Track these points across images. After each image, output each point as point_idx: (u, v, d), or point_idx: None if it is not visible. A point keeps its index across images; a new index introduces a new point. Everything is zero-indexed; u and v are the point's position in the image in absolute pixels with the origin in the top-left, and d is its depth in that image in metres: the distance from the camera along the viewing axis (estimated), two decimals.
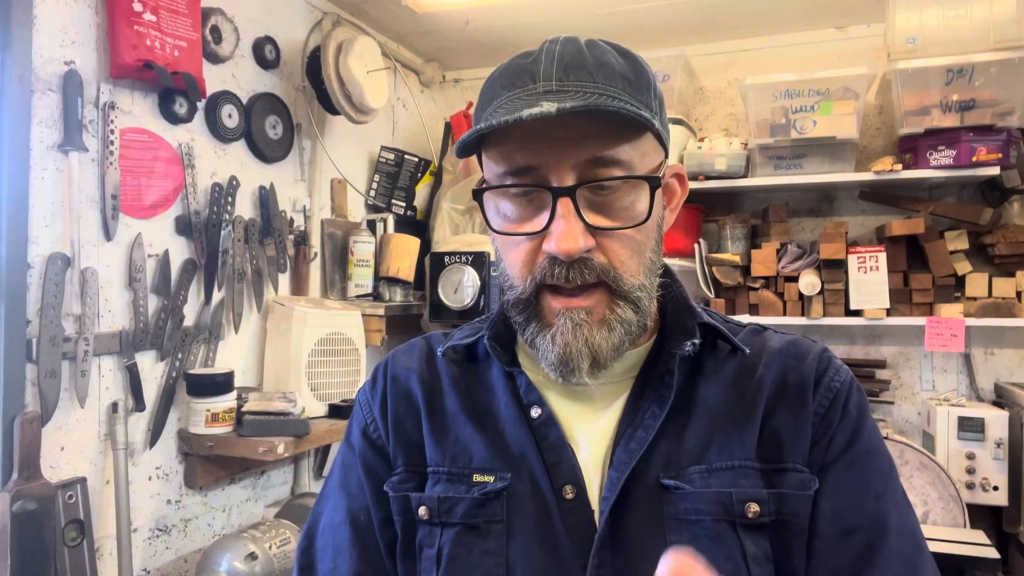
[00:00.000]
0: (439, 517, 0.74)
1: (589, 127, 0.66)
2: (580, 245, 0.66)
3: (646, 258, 0.71)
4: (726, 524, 0.68)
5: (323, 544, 0.80)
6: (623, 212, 0.68)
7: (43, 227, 1.52)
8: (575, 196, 0.66)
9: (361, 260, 2.38)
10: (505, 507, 0.72)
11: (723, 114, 2.77)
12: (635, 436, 0.71)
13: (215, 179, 1.92)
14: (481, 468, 0.74)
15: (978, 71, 2.15)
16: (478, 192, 0.72)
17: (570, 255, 0.66)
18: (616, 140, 0.67)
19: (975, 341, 2.45)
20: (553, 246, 0.66)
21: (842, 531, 0.69)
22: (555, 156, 0.66)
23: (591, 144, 0.66)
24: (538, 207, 0.69)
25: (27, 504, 1.41)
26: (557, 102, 0.63)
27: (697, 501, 0.69)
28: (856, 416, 0.74)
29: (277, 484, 2.16)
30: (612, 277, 0.68)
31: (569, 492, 0.71)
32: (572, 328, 0.68)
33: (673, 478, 0.70)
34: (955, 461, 2.17)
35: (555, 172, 0.66)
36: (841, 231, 2.38)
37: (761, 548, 0.69)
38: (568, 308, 0.69)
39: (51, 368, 1.50)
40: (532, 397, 0.76)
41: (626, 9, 2.40)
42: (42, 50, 1.51)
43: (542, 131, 0.66)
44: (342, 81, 2.13)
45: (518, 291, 0.71)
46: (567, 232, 0.65)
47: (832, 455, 0.72)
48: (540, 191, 0.68)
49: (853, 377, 0.77)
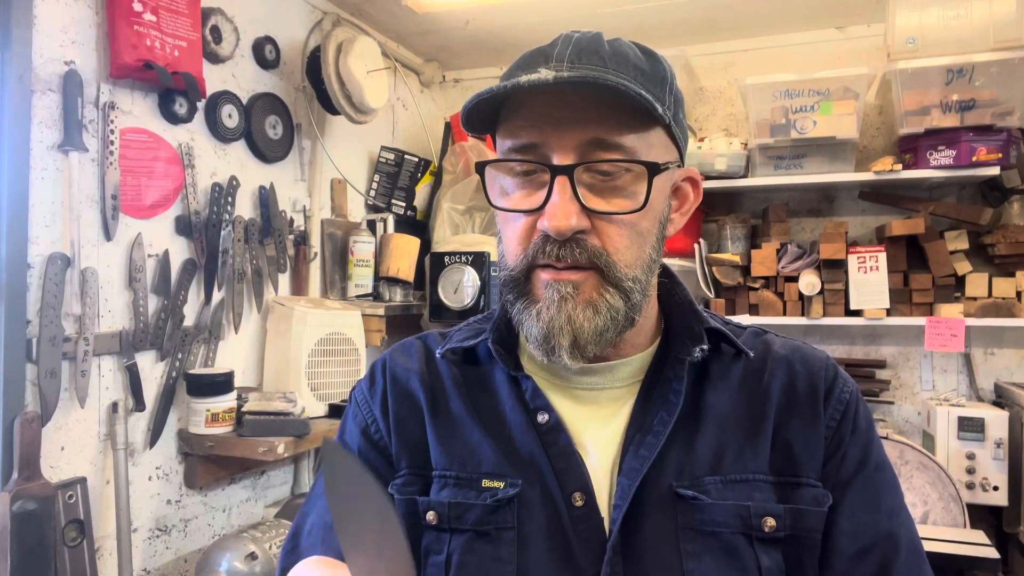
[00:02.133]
0: (448, 523, 0.72)
1: (596, 110, 0.66)
2: (572, 224, 0.65)
3: (645, 253, 0.71)
4: (743, 537, 0.68)
5: (309, 545, 0.77)
6: (622, 198, 0.68)
7: (43, 227, 1.52)
8: (573, 175, 0.66)
9: (361, 260, 2.38)
10: (516, 514, 0.71)
11: (723, 114, 2.77)
12: (644, 443, 0.70)
13: (215, 179, 1.92)
14: (490, 473, 0.73)
15: (978, 71, 2.15)
16: (481, 165, 0.72)
17: (561, 233, 0.66)
18: (621, 126, 0.67)
19: (975, 341, 2.45)
20: (545, 223, 0.66)
21: (859, 550, 0.71)
22: (558, 135, 0.66)
23: (595, 126, 0.66)
24: (538, 186, 0.69)
25: (27, 504, 1.41)
26: (556, 73, 0.65)
27: (715, 513, 0.68)
28: (866, 428, 0.75)
29: (277, 484, 2.16)
30: (604, 262, 0.68)
31: (578, 499, 0.70)
32: (557, 301, 0.68)
33: (688, 488, 0.69)
34: (955, 461, 2.17)
35: (557, 151, 0.67)
36: (841, 231, 2.38)
37: (775, 562, 0.69)
38: (556, 280, 0.68)
39: (51, 368, 1.50)
40: (539, 402, 0.74)
41: (626, 9, 2.40)
42: (42, 50, 1.51)
43: (548, 110, 0.67)
44: (342, 81, 2.13)
45: (511, 269, 0.71)
46: (560, 209, 0.65)
47: (847, 472, 0.73)
48: (541, 170, 0.68)
49: (856, 386, 0.78)
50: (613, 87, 0.64)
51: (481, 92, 0.66)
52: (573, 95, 0.66)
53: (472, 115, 0.71)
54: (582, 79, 0.64)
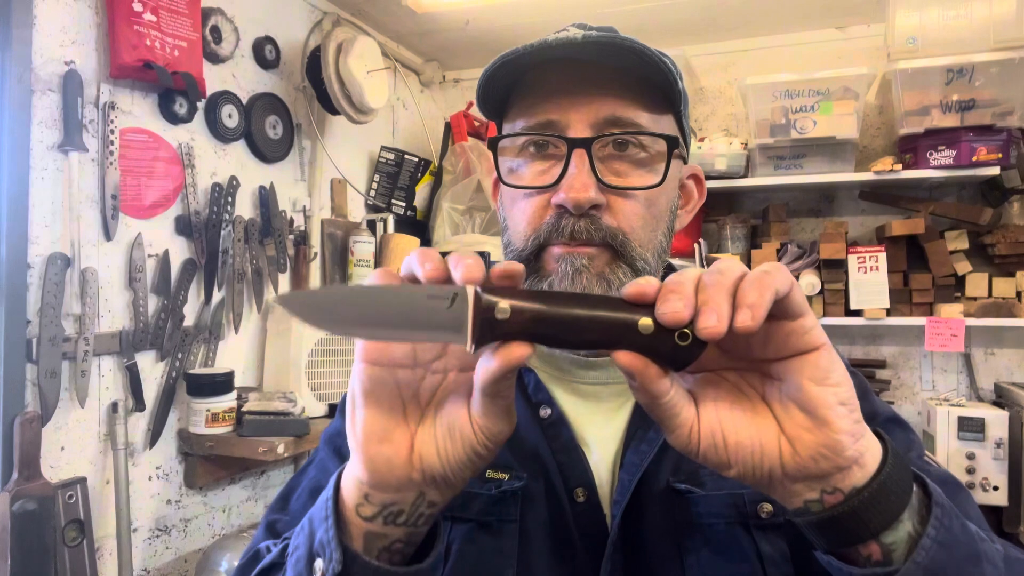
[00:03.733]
0: (451, 511, 0.71)
1: (611, 88, 0.67)
2: (591, 196, 0.65)
3: (657, 237, 0.70)
4: (740, 527, 0.67)
5: (299, 508, 0.75)
6: (639, 174, 0.68)
7: (43, 227, 1.52)
8: (591, 149, 0.66)
9: (361, 260, 2.38)
10: (519, 507, 0.70)
11: (723, 114, 2.77)
12: (646, 438, 0.70)
13: (215, 179, 1.92)
14: (495, 464, 0.71)
15: (978, 71, 2.15)
16: (494, 140, 0.72)
17: (579, 205, 0.65)
18: (637, 106, 0.67)
19: (975, 341, 2.45)
20: (562, 195, 0.65)
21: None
22: (575, 111, 0.67)
23: (612, 104, 0.67)
24: (553, 162, 0.68)
25: (27, 504, 1.41)
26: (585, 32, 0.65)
27: (710, 504, 0.68)
28: (862, 395, 0.73)
29: (277, 484, 2.16)
30: (619, 241, 0.67)
31: (580, 495, 0.69)
32: (571, 274, 0.66)
33: (684, 482, 0.69)
34: (955, 461, 2.17)
35: (573, 126, 0.67)
36: (841, 231, 2.38)
37: (777, 548, 0.67)
38: (570, 253, 0.67)
39: (51, 368, 1.50)
40: (541, 396, 0.74)
41: (626, 9, 2.40)
42: (42, 50, 1.51)
43: (564, 86, 0.67)
44: (342, 81, 2.13)
45: (518, 249, 0.70)
46: (579, 181, 0.65)
47: None
48: (555, 148, 0.68)
49: (848, 364, 0.77)
50: (640, 50, 0.64)
51: (505, 54, 0.66)
52: (590, 70, 0.67)
53: (488, 88, 0.70)
54: (610, 39, 0.64)
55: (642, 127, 0.67)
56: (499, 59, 0.67)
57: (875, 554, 0.47)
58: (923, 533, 0.47)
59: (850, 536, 0.47)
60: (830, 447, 0.46)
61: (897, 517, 0.47)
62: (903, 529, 0.47)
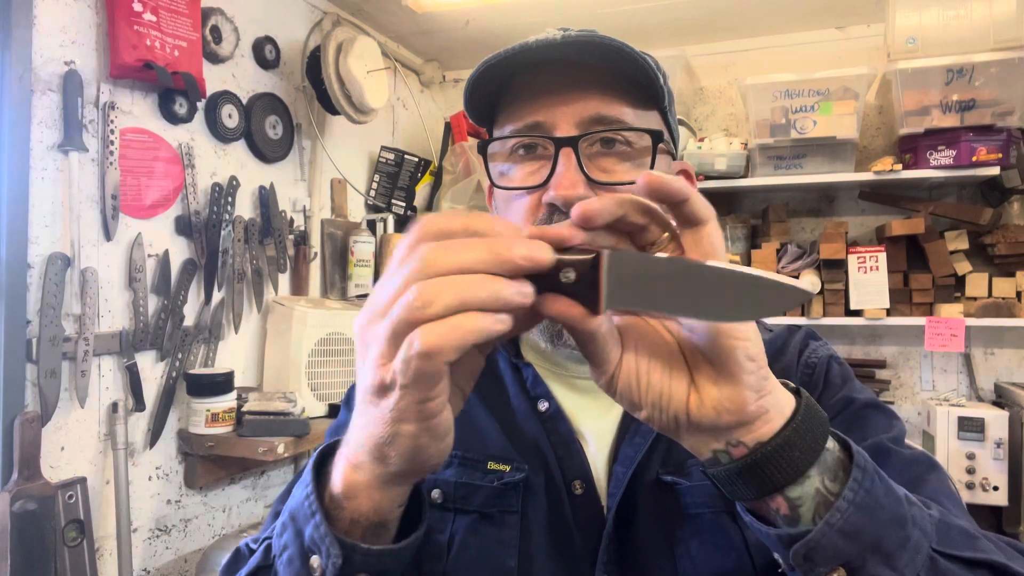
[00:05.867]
0: (454, 503, 0.73)
1: (596, 87, 0.68)
2: (579, 192, 0.66)
3: None
4: (726, 515, 0.68)
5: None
6: (625, 169, 0.69)
7: (43, 227, 1.52)
8: (577, 147, 0.67)
9: (361, 260, 2.38)
10: (521, 499, 0.72)
11: (723, 114, 2.77)
12: (640, 431, 0.72)
13: (215, 179, 1.92)
14: (496, 456, 0.73)
15: (978, 71, 2.15)
16: (483, 144, 0.73)
17: (568, 201, 0.66)
18: (622, 103, 0.69)
19: (975, 341, 2.45)
20: (552, 193, 0.67)
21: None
22: (561, 112, 0.69)
23: (596, 103, 0.68)
24: (541, 163, 0.70)
25: (27, 504, 1.41)
26: (564, 33, 0.67)
27: (696, 495, 0.69)
28: (841, 383, 0.74)
29: (277, 484, 2.16)
30: None
31: (578, 487, 0.71)
32: None
33: (671, 473, 0.70)
34: (955, 461, 2.17)
35: (559, 126, 0.69)
36: (841, 231, 2.38)
37: None
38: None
39: (51, 368, 1.50)
40: (539, 390, 0.76)
41: (626, 9, 2.40)
42: (42, 50, 1.51)
43: (550, 87, 0.69)
44: (342, 81, 2.13)
45: None
46: (567, 178, 0.66)
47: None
48: (544, 149, 0.70)
49: (834, 353, 0.78)
50: (618, 47, 0.66)
51: (487, 59, 0.68)
52: (573, 71, 0.68)
53: (475, 94, 0.72)
54: (589, 38, 0.66)
55: (627, 123, 0.69)
56: (482, 64, 0.69)
57: (782, 507, 0.47)
58: (839, 495, 0.47)
59: (755, 489, 0.47)
60: (733, 400, 0.46)
61: (803, 472, 0.47)
62: (810, 484, 0.47)
